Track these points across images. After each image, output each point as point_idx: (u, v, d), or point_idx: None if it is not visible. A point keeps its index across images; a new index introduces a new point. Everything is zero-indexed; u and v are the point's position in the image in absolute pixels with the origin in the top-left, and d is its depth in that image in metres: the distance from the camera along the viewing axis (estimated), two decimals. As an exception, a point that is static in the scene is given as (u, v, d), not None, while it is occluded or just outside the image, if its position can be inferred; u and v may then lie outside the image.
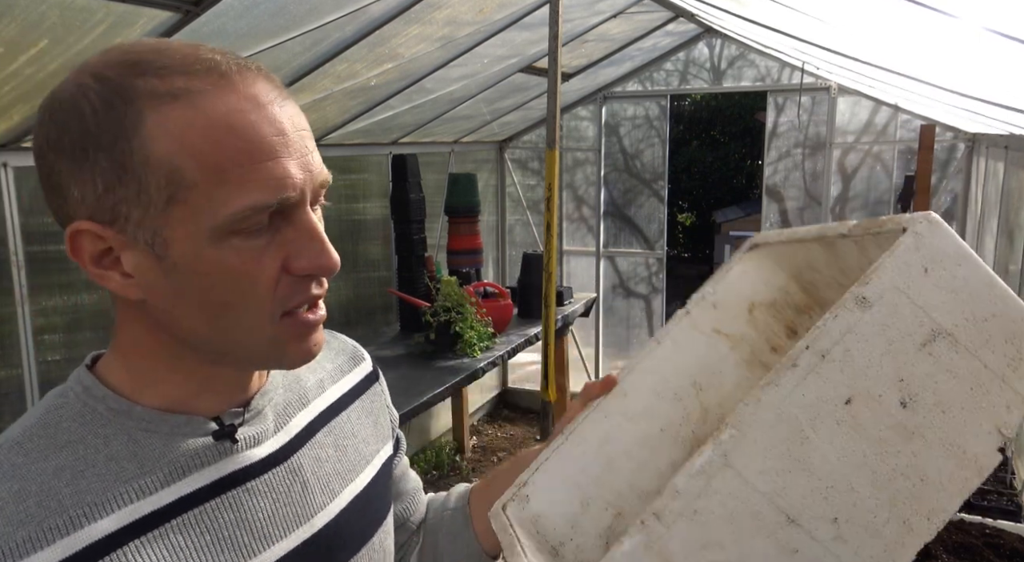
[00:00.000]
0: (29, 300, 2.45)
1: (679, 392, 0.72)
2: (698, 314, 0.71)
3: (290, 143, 0.60)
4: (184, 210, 0.58)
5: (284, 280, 0.62)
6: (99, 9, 1.90)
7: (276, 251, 0.61)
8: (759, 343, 0.72)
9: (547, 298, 2.97)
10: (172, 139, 0.57)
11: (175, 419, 0.66)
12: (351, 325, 4.13)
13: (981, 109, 3.04)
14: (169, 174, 0.57)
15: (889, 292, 0.47)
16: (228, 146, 0.58)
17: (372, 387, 0.90)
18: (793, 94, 4.68)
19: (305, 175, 0.61)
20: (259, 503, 0.68)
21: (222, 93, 0.58)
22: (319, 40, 2.63)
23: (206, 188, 0.58)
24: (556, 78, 2.73)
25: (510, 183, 5.56)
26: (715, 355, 0.72)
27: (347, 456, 0.80)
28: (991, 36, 1.82)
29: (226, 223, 0.58)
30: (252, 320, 0.63)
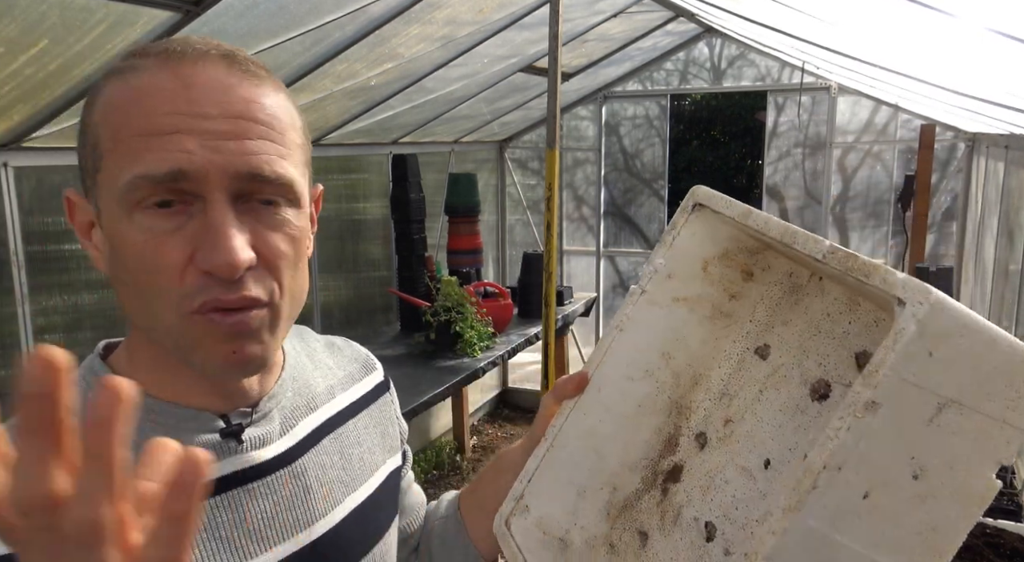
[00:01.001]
0: (29, 300, 2.45)
1: (649, 368, 0.72)
2: (654, 289, 0.71)
3: (206, 124, 0.58)
4: (102, 178, 0.60)
5: (191, 273, 0.59)
6: (99, 9, 1.90)
7: (185, 239, 0.59)
8: (718, 296, 0.72)
9: (547, 298, 2.97)
10: (100, 110, 0.60)
11: (183, 412, 0.65)
12: (351, 325, 4.13)
13: (981, 109, 3.04)
14: (93, 142, 0.60)
15: (896, 386, 0.46)
16: (133, 117, 0.58)
17: (382, 397, 0.88)
18: (793, 94, 4.68)
19: (212, 157, 0.57)
20: (259, 505, 0.67)
21: (158, 70, 0.59)
22: (319, 40, 2.63)
23: (112, 157, 0.59)
24: (556, 78, 2.73)
25: (510, 183, 5.56)
26: (677, 321, 0.72)
27: (352, 465, 0.78)
28: (991, 36, 1.82)
29: (122, 192, 0.58)
30: (160, 307, 0.60)
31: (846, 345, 0.65)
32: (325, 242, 3.89)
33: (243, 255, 0.58)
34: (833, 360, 0.65)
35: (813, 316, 0.68)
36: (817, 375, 0.65)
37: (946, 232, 4.51)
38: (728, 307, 0.72)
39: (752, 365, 0.71)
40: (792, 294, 0.70)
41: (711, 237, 0.70)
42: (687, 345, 0.72)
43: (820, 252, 0.55)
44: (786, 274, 0.70)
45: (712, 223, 0.69)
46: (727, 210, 0.65)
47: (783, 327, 0.69)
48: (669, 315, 0.71)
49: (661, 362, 0.72)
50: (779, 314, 0.70)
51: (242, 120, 0.59)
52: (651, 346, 0.72)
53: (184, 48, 0.61)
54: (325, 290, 3.93)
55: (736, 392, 0.71)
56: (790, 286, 0.70)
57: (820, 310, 0.67)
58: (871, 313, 0.64)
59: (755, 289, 0.72)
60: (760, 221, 0.61)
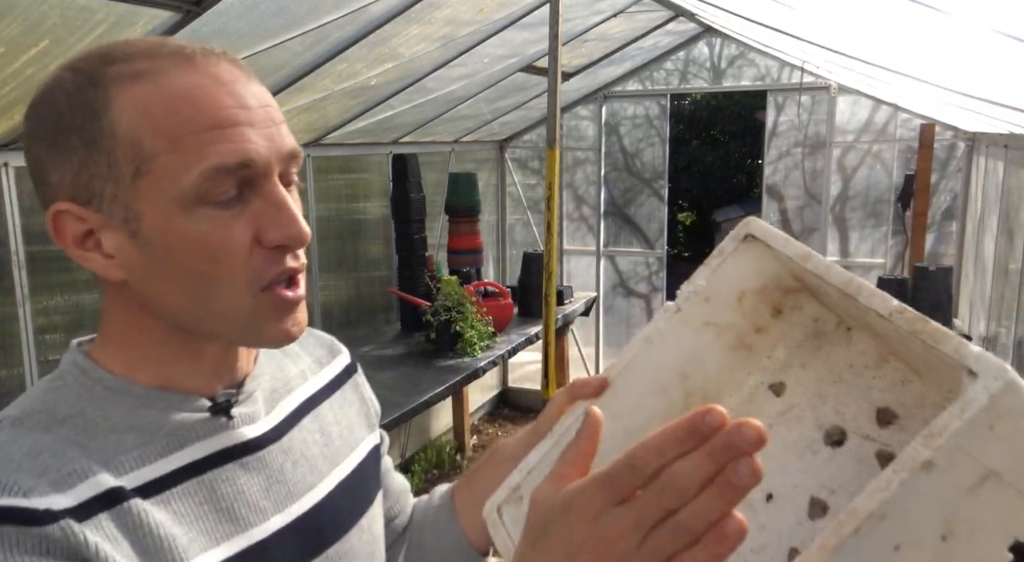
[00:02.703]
0: (30, 300, 2.46)
1: (666, 385, 0.72)
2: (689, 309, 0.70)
3: (253, 115, 0.62)
4: (150, 181, 0.60)
5: (257, 252, 0.63)
6: (100, 9, 1.90)
7: (247, 223, 0.63)
8: (744, 327, 0.72)
9: (547, 297, 2.97)
10: (135, 113, 0.60)
11: (171, 397, 0.68)
12: (352, 324, 4.14)
13: (981, 108, 3.04)
14: (132, 146, 0.60)
15: (952, 452, 0.47)
16: (185, 115, 0.60)
17: (352, 378, 0.92)
18: (793, 93, 4.68)
19: (269, 145, 0.63)
20: (254, 478, 0.71)
21: (183, 71, 0.61)
22: (319, 40, 2.63)
23: (166, 157, 0.60)
24: (556, 77, 2.73)
25: (510, 183, 5.56)
26: (701, 345, 0.72)
27: (332, 442, 0.82)
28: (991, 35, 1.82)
29: (189, 189, 0.60)
30: (229, 292, 0.64)
31: (868, 398, 0.65)
32: (325, 242, 3.89)
33: (306, 226, 0.65)
34: (852, 411, 0.66)
35: (835, 364, 0.68)
36: (833, 422, 0.66)
37: (946, 231, 4.51)
38: (751, 339, 0.72)
39: (764, 400, 0.71)
40: (814, 339, 0.70)
41: (755, 270, 0.69)
42: (705, 369, 0.72)
43: (887, 309, 0.54)
44: (812, 318, 0.71)
45: (760, 257, 0.68)
46: (784, 249, 0.63)
47: (801, 369, 0.70)
48: (696, 337, 0.71)
49: (677, 382, 0.72)
50: (798, 356, 0.71)
51: (270, 108, 0.65)
52: (672, 364, 0.71)
53: (192, 49, 0.63)
54: (325, 290, 3.93)
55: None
56: (813, 331, 0.71)
57: (843, 360, 0.68)
58: (899, 372, 0.64)
59: (779, 327, 0.72)
60: (821, 266, 0.60)
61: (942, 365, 0.53)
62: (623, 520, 0.44)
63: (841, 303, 0.65)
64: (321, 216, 3.84)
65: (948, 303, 3.33)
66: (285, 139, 0.65)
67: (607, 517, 0.45)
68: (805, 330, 0.71)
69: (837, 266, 0.60)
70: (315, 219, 3.78)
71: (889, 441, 0.61)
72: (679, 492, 0.42)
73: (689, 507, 0.42)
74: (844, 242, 4.78)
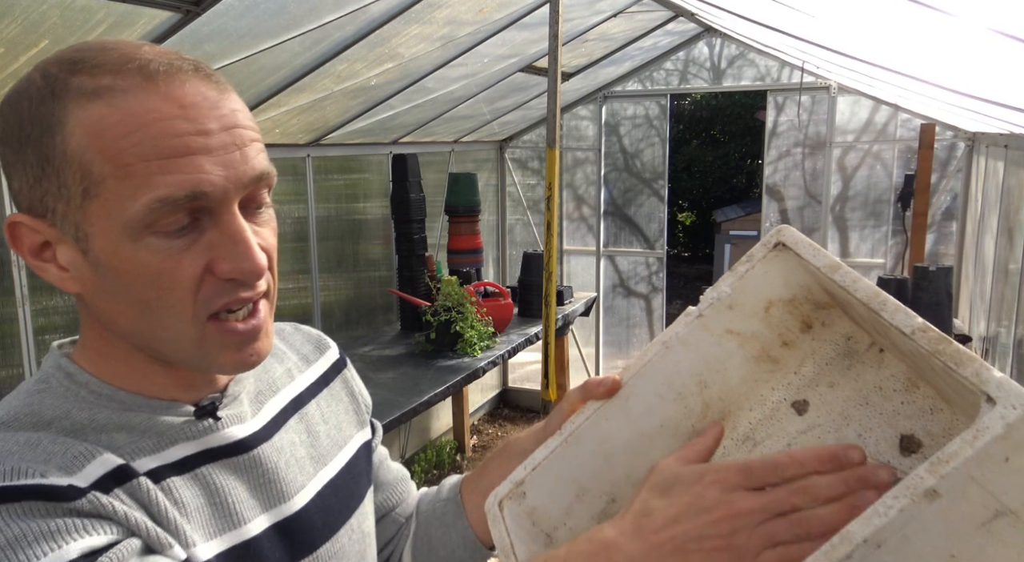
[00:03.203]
0: (29, 300, 2.46)
1: (683, 391, 0.70)
2: (711, 315, 0.69)
3: (211, 141, 0.60)
4: (99, 205, 0.59)
5: (208, 281, 0.62)
6: (99, 9, 1.90)
7: (200, 252, 0.61)
8: (770, 339, 0.70)
9: (547, 297, 2.97)
10: (86, 135, 0.59)
11: (156, 403, 0.68)
12: (352, 324, 4.14)
13: (981, 108, 3.04)
14: (82, 169, 0.59)
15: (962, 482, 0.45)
16: (136, 142, 0.58)
17: (341, 374, 0.91)
18: (793, 93, 4.68)
19: (227, 173, 0.60)
20: (243, 477, 0.71)
21: (141, 93, 0.59)
22: (319, 40, 2.63)
23: (114, 183, 0.58)
24: (556, 77, 2.73)
25: (510, 183, 5.56)
26: (722, 353, 0.70)
27: (320, 441, 0.82)
28: (991, 35, 1.82)
29: (136, 218, 0.59)
30: (174, 320, 0.63)
31: (893, 424, 0.64)
32: (325, 242, 3.89)
33: (263, 259, 0.63)
34: (875, 435, 0.65)
35: (863, 386, 0.67)
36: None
37: (946, 232, 4.51)
38: (777, 353, 0.71)
39: (785, 417, 0.70)
40: (845, 358, 0.69)
41: (784, 280, 0.68)
42: (726, 379, 0.71)
43: (909, 327, 0.54)
44: (844, 336, 0.69)
45: (790, 266, 0.67)
46: (814, 259, 0.63)
47: (828, 388, 0.69)
48: (718, 345, 0.70)
49: (696, 389, 0.71)
50: (827, 374, 0.69)
51: (235, 129, 0.62)
52: (691, 370, 0.70)
53: (157, 65, 0.60)
54: (325, 290, 3.93)
55: (762, 440, 0.70)
56: (845, 350, 0.69)
57: (873, 382, 0.66)
58: (929, 399, 0.63)
59: (808, 343, 0.71)
60: (848, 279, 0.59)
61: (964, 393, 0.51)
62: (754, 500, 0.52)
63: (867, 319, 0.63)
64: (321, 216, 3.84)
65: (948, 303, 3.32)
66: (251, 163, 0.62)
67: (739, 494, 0.53)
68: (836, 348, 0.69)
69: (865, 279, 0.58)
70: (315, 219, 3.78)
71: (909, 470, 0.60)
72: (811, 496, 0.51)
73: (814, 510, 0.51)
74: (844, 242, 4.78)
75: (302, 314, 3.79)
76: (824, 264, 0.62)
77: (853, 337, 0.69)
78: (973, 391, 0.48)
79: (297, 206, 3.69)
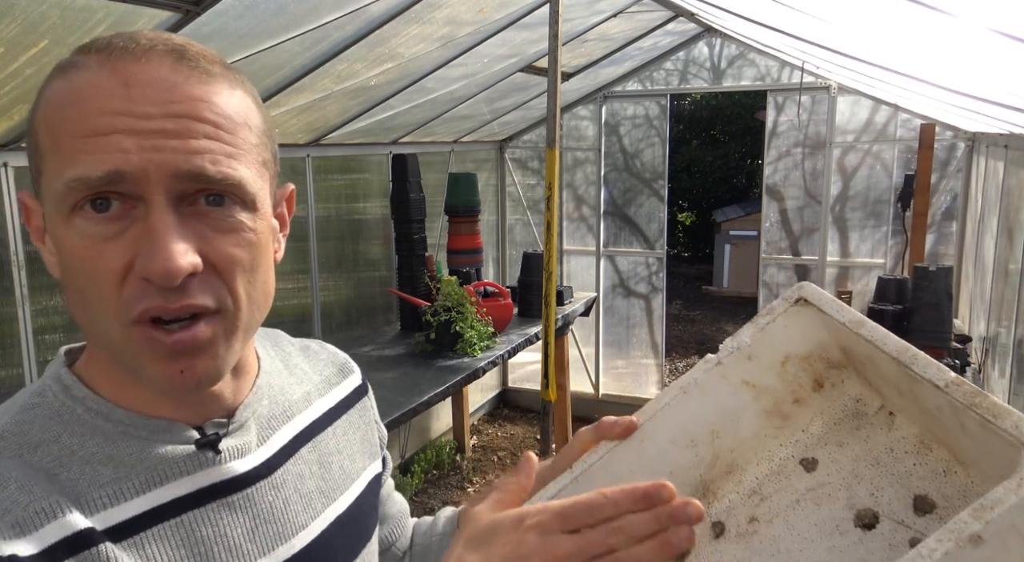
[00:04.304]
0: (29, 300, 2.45)
1: (695, 439, 0.70)
2: (731, 364, 0.69)
3: (145, 123, 0.55)
4: (43, 182, 0.58)
5: (131, 280, 0.56)
6: (99, 9, 1.90)
7: (125, 245, 0.56)
8: (783, 394, 0.71)
9: (547, 297, 2.97)
10: (42, 109, 0.58)
11: (155, 424, 0.63)
12: (351, 324, 4.14)
13: (981, 108, 3.04)
14: (35, 144, 0.59)
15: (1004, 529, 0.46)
16: (68, 117, 0.56)
17: (360, 401, 0.87)
18: (793, 93, 4.68)
19: (153, 157, 0.55)
20: (238, 519, 0.66)
21: (97, 68, 0.57)
22: (319, 40, 2.63)
23: (51, 160, 0.57)
24: (556, 77, 2.73)
25: (510, 183, 5.56)
26: (737, 404, 0.70)
27: (331, 474, 0.77)
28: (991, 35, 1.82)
29: (59, 195, 0.56)
30: (102, 317, 0.58)
31: (906, 484, 0.64)
32: (325, 242, 3.89)
33: (183, 261, 0.55)
34: (888, 495, 0.64)
35: (873, 447, 0.67)
36: (867, 504, 0.65)
37: (946, 232, 4.51)
38: (788, 409, 0.71)
39: (793, 473, 0.70)
40: (854, 419, 0.69)
41: (802, 336, 0.69)
42: (737, 431, 0.71)
43: (943, 380, 0.54)
44: (854, 398, 0.70)
45: (809, 323, 0.68)
46: (838, 315, 0.64)
47: (837, 447, 0.69)
48: (733, 395, 0.70)
49: (708, 438, 0.71)
50: (835, 434, 0.70)
51: (186, 119, 0.56)
52: (705, 418, 0.70)
53: (128, 43, 0.57)
54: (325, 290, 3.93)
55: (769, 495, 0.70)
56: (854, 411, 0.70)
57: (883, 443, 0.67)
58: (943, 462, 0.63)
59: (818, 401, 0.71)
60: (878, 334, 0.60)
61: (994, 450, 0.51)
62: (571, 543, 0.52)
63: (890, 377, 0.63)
64: (321, 216, 3.84)
65: (948, 303, 3.32)
66: (188, 156, 0.56)
67: (556, 538, 0.52)
68: (845, 408, 0.70)
69: (893, 335, 0.59)
70: (315, 219, 3.78)
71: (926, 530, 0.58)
72: (626, 536, 0.51)
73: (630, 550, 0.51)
74: (844, 242, 4.78)
75: (302, 314, 3.79)
76: (849, 319, 0.63)
77: (862, 399, 0.70)
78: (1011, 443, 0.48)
79: (297, 206, 3.67)
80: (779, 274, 5.03)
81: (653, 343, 5.47)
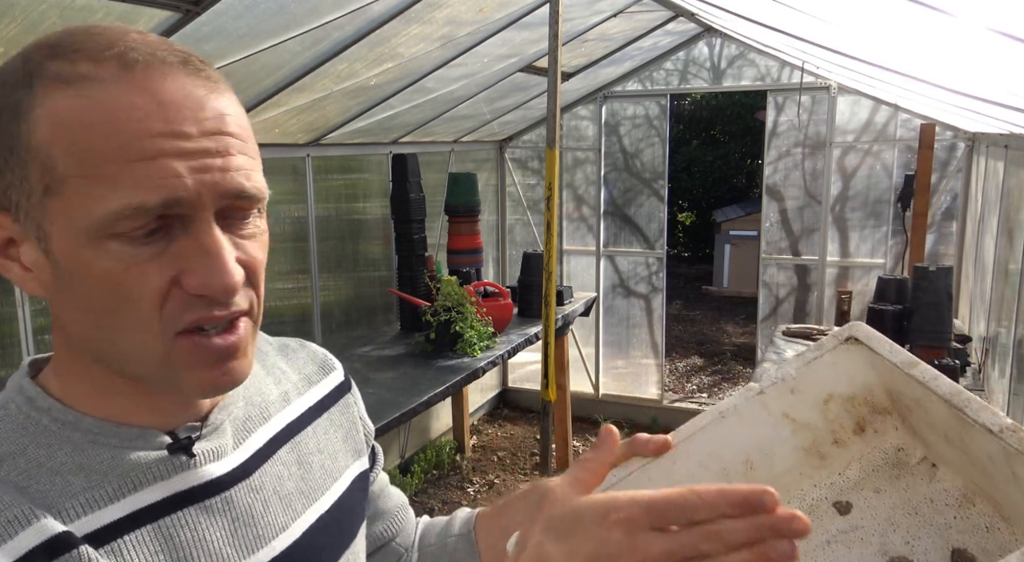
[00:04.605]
0: (29, 300, 2.45)
1: (727, 466, 0.69)
2: (773, 395, 0.68)
3: (190, 145, 0.55)
4: (60, 204, 0.54)
5: (175, 295, 0.56)
6: (99, 9, 1.90)
7: (167, 262, 0.56)
8: (823, 433, 0.70)
9: (547, 297, 2.97)
10: (53, 126, 0.54)
11: (126, 431, 0.62)
12: (351, 324, 4.14)
13: (981, 108, 3.04)
14: (45, 163, 0.54)
15: None
16: (106, 140, 0.53)
17: (343, 398, 0.85)
18: (793, 93, 4.68)
19: (204, 178, 0.55)
20: (217, 523, 0.64)
21: (120, 85, 0.54)
22: (319, 39, 2.63)
23: (79, 183, 0.54)
24: (556, 77, 2.73)
25: (510, 183, 5.56)
26: (775, 437, 0.70)
27: (312, 474, 0.76)
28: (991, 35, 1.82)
29: (101, 223, 0.54)
30: (139, 334, 0.57)
31: (944, 537, 0.63)
32: (325, 242, 3.89)
33: (239, 277, 0.58)
34: (925, 545, 0.63)
35: (913, 496, 0.66)
36: (901, 552, 0.64)
37: (946, 232, 4.51)
38: (827, 449, 0.70)
39: (825, 515, 0.68)
40: (894, 468, 0.69)
41: (848, 376, 0.69)
42: (771, 465, 0.70)
43: (997, 425, 0.53)
44: (895, 447, 0.69)
45: (856, 363, 0.68)
46: (890, 355, 0.64)
47: (873, 493, 0.68)
48: (772, 427, 0.69)
49: (741, 468, 0.70)
50: (873, 480, 0.69)
51: (219, 135, 0.57)
52: (740, 447, 0.69)
53: (138, 55, 0.55)
54: (325, 290, 3.93)
55: None
56: (895, 460, 0.69)
57: (923, 494, 0.66)
58: (986, 517, 0.62)
59: (858, 446, 0.70)
60: (929, 375, 0.60)
61: None
62: (661, 544, 0.48)
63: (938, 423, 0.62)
64: (321, 216, 3.84)
65: (948, 303, 3.32)
66: (231, 174, 0.57)
67: (645, 537, 0.48)
68: (886, 456, 0.69)
69: (945, 377, 0.59)
70: (315, 219, 3.78)
71: None
72: (721, 544, 0.47)
73: (726, 558, 0.47)
74: (844, 242, 4.78)
75: (302, 314, 3.79)
76: (901, 360, 0.63)
77: (905, 449, 0.69)
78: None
79: (297, 206, 3.69)
80: (779, 274, 5.04)
81: (653, 343, 5.47)
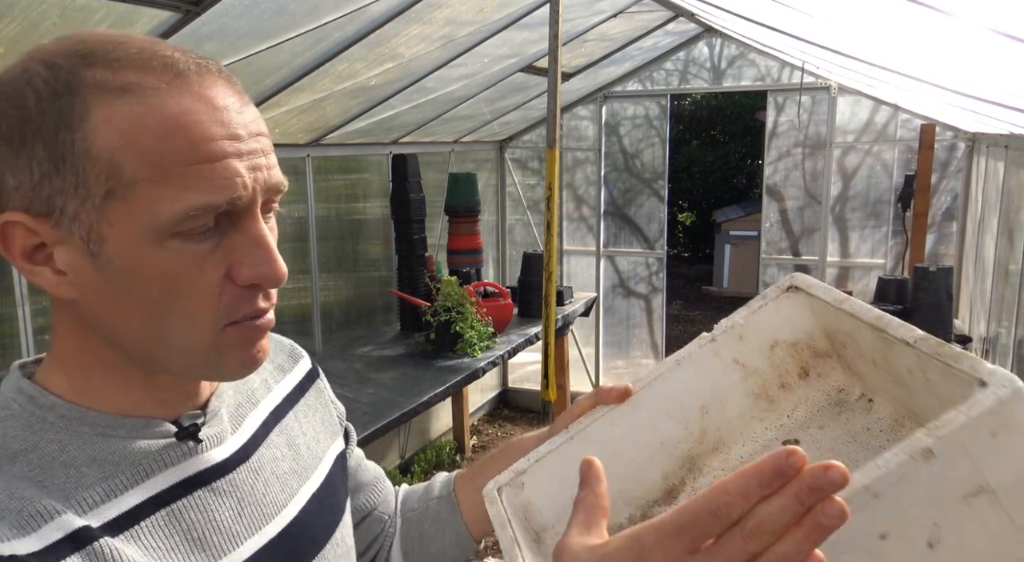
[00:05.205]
0: (29, 300, 2.45)
1: (687, 413, 0.75)
2: (723, 342, 0.74)
3: (242, 146, 0.59)
4: (123, 207, 0.57)
5: (229, 289, 0.61)
6: (99, 9, 1.90)
7: (221, 257, 0.60)
8: (771, 378, 0.75)
9: (547, 298, 2.96)
10: (117, 133, 0.56)
11: (132, 422, 0.64)
12: (351, 324, 4.14)
13: (981, 108, 3.04)
14: (109, 168, 0.56)
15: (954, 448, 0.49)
16: (174, 145, 0.56)
17: (314, 384, 0.90)
18: (793, 93, 4.68)
19: (256, 176, 0.60)
20: (225, 502, 0.68)
21: (175, 92, 0.57)
22: (319, 40, 2.63)
23: (148, 186, 0.56)
24: (556, 78, 2.73)
25: (510, 183, 5.56)
26: (727, 382, 0.75)
27: (300, 455, 0.80)
28: (991, 35, 1.82)
29: (169, 223, 0.57)
30: (191, 328, 0.61)
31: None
32: (325, 242, 3.89)
33: (284, 265, 0.63)
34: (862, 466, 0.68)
35: (852, 428, 0.71)
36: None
37: (946, 232, 4.51)
38: (775, 393, 0.76)
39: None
40: (836, 406, 0.74)
41: (791, 323, 0.74)
42: (725, 410, 0.75)
43: (912, 337, 0.60)
44: (836, 388, 0.75)
45: (798, 311, 0.73)
46: (825, 295, 0.70)
47: (818, 429, 0.73)
48: (724, 373, 0.74)
49: (698, 413, 0.75)
50: (817, 419, 0.74)
51: (258, 136, 0.62)
52: (696, 393, 0.74)
53: (186, 64, 0.59)
54: (325, 290, 3.93)
55: None
56: (836, 400, 0.74)
57: (861, 424, 0.71)
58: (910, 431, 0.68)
59: (803, 389, 0.76)
60: (857, 306, 0.66)
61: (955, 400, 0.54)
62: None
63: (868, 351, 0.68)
64: (321, 216, 3.84)
65: (948, 303, 3.32)
66: (272, 171, 0.62)
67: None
68: (828, 397, 0.74)
69: (871, 307, 0.65)
70: (315, 219, 3.78)
71: None
72: (767, 537, 0.42)
73: (777, 548, 0.42)
74: (844, 242, 4.78)
75: (302, 314, 3.79)
76: (834, 298, 0.69)
77: (845, 389, 0.74)
78: (968, 383, 0.52)
79: (297, 206, 3.69)
80: (779, 274, 5.03)
81: (653, 343, 5.47)
